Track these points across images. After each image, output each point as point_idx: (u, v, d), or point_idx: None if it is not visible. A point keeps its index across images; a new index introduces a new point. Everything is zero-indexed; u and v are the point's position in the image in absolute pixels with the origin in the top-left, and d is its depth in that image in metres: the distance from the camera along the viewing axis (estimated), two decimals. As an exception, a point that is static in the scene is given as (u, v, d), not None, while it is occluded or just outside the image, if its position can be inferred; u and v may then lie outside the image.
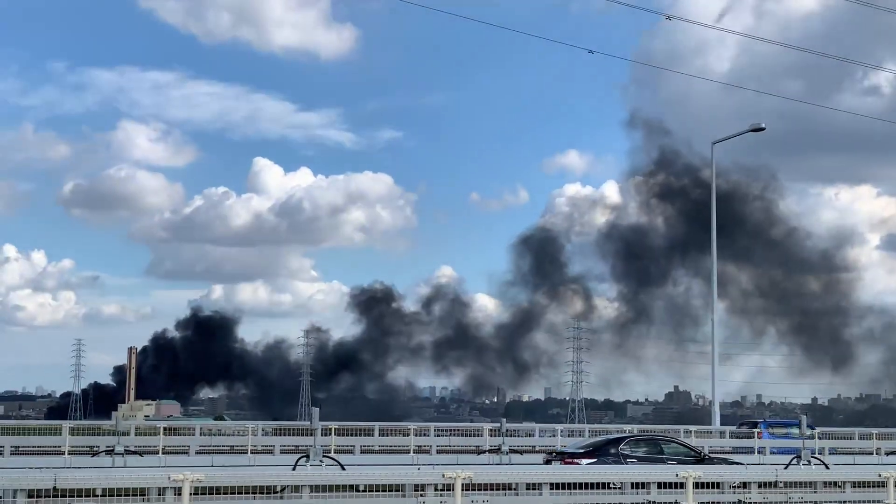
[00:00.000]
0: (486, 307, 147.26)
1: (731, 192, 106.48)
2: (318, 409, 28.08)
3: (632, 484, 22.56)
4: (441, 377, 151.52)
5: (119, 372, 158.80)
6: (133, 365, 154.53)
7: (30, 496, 17.44)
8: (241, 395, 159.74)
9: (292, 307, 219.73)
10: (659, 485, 21.99)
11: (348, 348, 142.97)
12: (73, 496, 17.10)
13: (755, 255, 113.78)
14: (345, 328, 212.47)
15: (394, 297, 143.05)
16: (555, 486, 20.90)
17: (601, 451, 29.42)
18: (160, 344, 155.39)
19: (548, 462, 30.15)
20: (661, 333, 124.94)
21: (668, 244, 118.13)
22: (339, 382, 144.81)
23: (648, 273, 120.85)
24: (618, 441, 30.71)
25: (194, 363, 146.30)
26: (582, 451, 29.77)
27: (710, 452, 34.87)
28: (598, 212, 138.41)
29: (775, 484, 25.47)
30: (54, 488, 17.10)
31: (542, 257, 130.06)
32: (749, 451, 43.92)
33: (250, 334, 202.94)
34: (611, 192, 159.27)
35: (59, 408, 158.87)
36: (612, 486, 21.87)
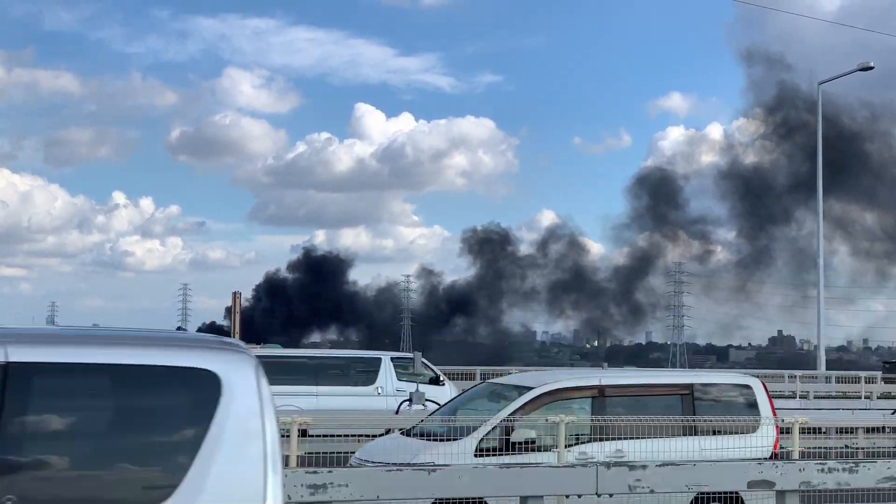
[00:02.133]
0: (592, 250, 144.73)
1: (855, 130, 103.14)
2: (419, 353, 28.31)
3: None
4: (557, 321, 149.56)
5: (228, 314, 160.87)
6: (238, 309, 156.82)
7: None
8: (353, 339, 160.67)
9: (394, 252, 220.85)
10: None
11: (461, 291, 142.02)
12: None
13: (881, 195, 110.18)
14: (450, 272, 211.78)
15: (509, 239, 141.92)
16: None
17: None
18: (273, 285, 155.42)
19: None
20: (775, 276, 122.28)
21: (791, 183, 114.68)
22: (452, 326, 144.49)
23: (767, 213, 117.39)
24: None
25: (307, 305, 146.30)
26: None
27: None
28: (713, 151, 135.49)
29: (882, 429, 25.11)
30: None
31: (657, 198, 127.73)
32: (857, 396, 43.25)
33: (357, 277, 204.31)
34: (716, 133, 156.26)
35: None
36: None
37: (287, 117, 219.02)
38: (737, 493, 12.98)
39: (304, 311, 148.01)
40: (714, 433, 15.12)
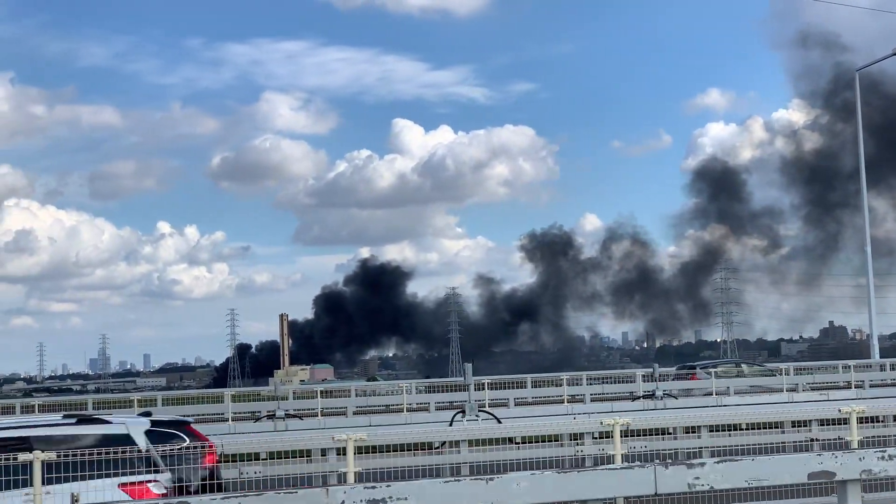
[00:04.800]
0: (655, 250, 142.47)
1: None
2: (470, 364, 28.34)
3: (792, 423, 22.27)
4: (623, 322, 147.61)
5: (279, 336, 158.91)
6: (285, 331, 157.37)
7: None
8: (414, 354, 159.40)
9: (439, 265, 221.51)
10: (821, 422, 21.67)
11: (522, 298, 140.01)
12: (239, 460, 17.68)
13: None
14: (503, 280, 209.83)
15: (571, 242, 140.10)
16: (713, 429, 20.76)
17: None
18: (331, 300, 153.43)
19: None
20: (835, 266, 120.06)
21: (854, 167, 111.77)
22: (512, 334, 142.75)
23: (832, 200, 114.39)
24: None
25: (366, 321, 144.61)
26: None
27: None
28: (769, 141, 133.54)
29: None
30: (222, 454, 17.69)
31: (718, 191, 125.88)
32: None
33: (416, 289, 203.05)
34: (767, 124, 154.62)
35: (217, 377, 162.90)
36: (773, 426, 21.64)
37: (326, 137, 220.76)
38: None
39: (363, 326, 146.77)
40: None
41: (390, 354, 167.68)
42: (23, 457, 11.86)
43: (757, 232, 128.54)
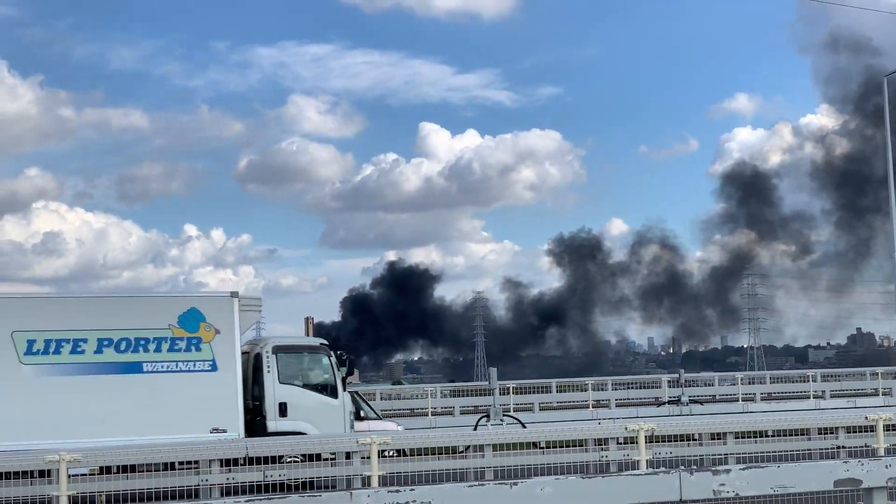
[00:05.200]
0: (652, 256, 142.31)
1: None
2: (495, 368, 28.32)
3: (818, 430, 22.15)
4: (651, 327, 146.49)
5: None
6: (311, 334, 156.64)
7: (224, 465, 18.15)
8: (440, 358, 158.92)
9: (465, 269, 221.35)
10: (847, 429, 21.53)
11: (550, 302, 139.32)
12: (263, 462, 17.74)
13: None
14: (534, 284, 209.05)
15: (601, 246, 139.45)
16: (739, 435, 20.67)
17: None
18: (359, 302, 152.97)
19: None
20: (866, 272, 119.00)
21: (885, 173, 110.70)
22: (540, 338, 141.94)
23: (863, 204, 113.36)
24: None
25: (393, 324, 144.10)
26: None
27: None
28: (799, 146, 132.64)
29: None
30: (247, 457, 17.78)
31: (749, 196, 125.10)
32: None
33: (444, 293, 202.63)
34: (797, 129, 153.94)
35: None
36: (799, 433, 21.52)
37: (353, 140, 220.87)
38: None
39: (390, 329, 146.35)
40: None
41: (420, 358, 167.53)
42: None
43: (786, 237, 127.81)
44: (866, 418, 16.37)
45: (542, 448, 19.83)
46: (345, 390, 22.22)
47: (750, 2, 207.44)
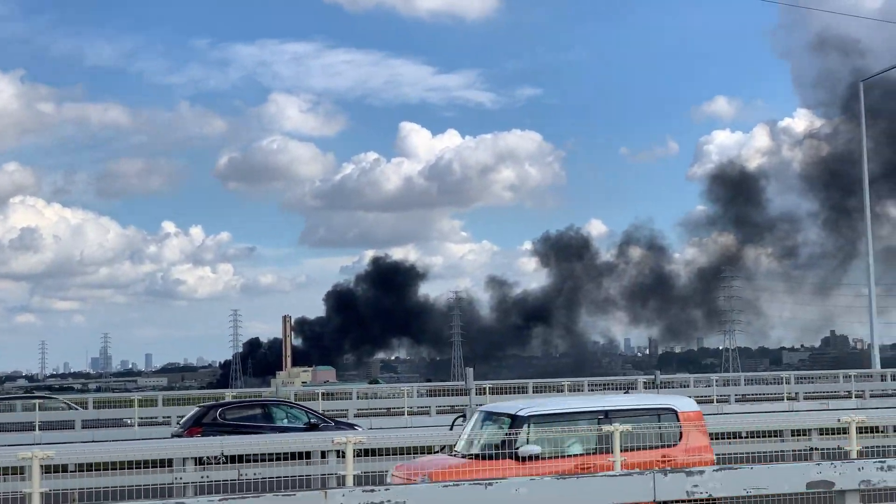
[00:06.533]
0: (638, 257, 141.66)
1: None
2: (471, 368, 28.35)
3: (791, 431, 22.28)
4: (640, 328, 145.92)
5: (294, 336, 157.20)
6: (288, 333, 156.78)
7: (198, 463, 18.11)
8: (420, 357, 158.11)
9: (443, 269, 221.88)
10: (820, 431, 21.67)
11: (534, 302, 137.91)
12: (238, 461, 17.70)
13: None
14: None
15: (588, 245, 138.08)
16: (713, 437, 20.73)
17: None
18: (342, 298, 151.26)
19: None
20: (840, 275, 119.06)
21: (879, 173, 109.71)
22: (525, 338, 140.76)
23: (849, 207, 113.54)
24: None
25: (377, 322, 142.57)
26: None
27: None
28: (782, 148, 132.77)
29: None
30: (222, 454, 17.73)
31: (737, 196, 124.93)
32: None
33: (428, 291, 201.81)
34: (762, 135, 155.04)
35: (223, 374, 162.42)
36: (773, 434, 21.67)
37: (333, 139, 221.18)
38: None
39: (374, 327, 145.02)
40: None
41: (396, 357, 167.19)
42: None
43: (770, 239, 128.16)
44: (839, 420, 16.45)
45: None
46: None
47: (730, 8, 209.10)
